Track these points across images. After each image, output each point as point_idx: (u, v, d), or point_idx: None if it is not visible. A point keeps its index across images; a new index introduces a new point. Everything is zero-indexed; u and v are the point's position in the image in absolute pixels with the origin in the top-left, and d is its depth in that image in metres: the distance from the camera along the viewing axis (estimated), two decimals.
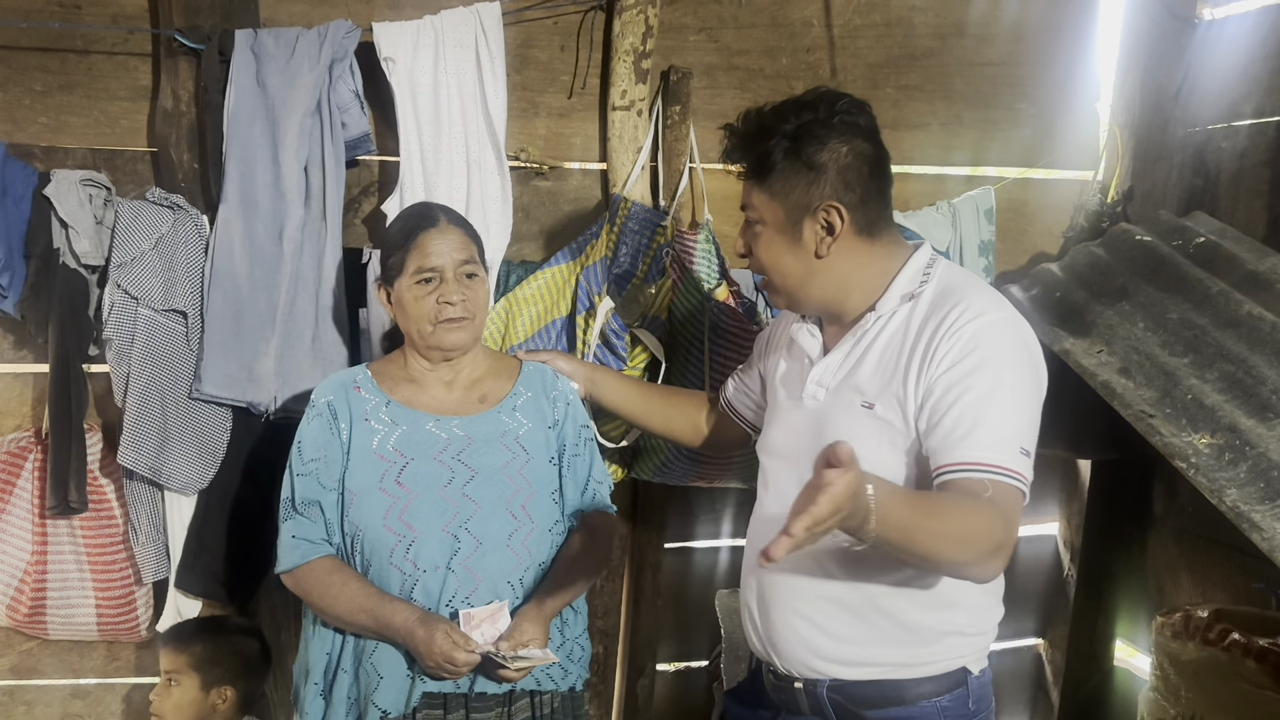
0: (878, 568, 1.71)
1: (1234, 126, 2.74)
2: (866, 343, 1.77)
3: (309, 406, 2.04)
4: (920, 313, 1.72)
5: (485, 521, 1.95)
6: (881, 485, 1.42)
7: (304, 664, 2.02)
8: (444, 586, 1.90)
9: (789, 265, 1.79)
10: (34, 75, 2.49)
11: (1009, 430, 1.62)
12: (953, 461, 1.61)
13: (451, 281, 2.00)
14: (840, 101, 1.74)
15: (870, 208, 1.76)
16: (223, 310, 2.40)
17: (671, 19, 2.72)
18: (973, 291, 1.72)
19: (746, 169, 1.81)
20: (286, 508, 1.99)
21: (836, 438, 1.69)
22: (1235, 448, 2.03)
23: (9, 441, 2.54)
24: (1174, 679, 2.35)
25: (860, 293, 1.78)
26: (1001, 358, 1.65)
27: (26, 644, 2.68)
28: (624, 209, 2.63)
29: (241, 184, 2.39)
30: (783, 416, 1.91)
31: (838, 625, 1.75)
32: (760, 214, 1.80)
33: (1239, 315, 2.26)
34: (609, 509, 2.15)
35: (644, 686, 2.95)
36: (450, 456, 1.98)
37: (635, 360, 2.52)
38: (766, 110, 1.79)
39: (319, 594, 1.93)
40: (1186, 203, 2.84)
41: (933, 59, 2.90)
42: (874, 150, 1.76)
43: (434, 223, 2.04)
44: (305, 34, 2.43)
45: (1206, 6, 2.85)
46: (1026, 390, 1.67)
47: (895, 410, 1.69)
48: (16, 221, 2.34)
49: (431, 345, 2.03)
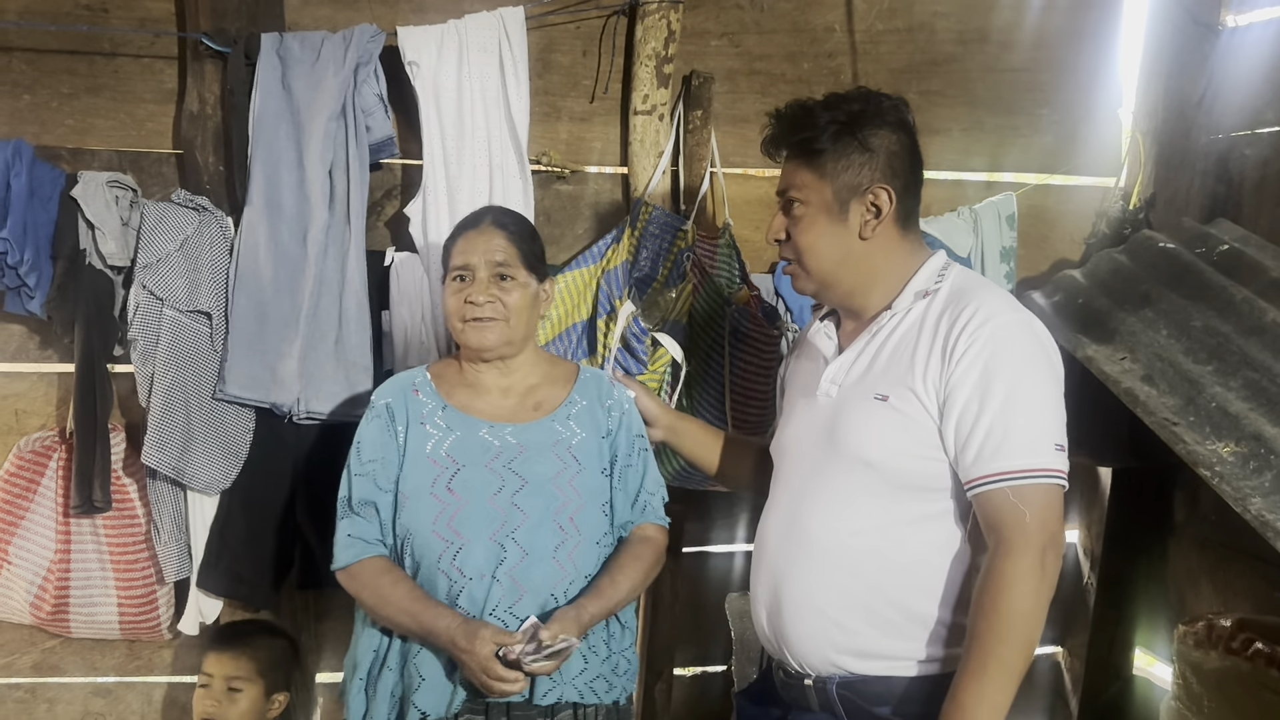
0: (896, 563, 1.73)
1: (1258, 134, 2.73)
2: (881, 339, 1.79)
3: (369, 407, 2.04)
4: (935, 309, 1.75)
5: (533, 532, 1.93)
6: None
7: (352, 658, 2.02)
8: (489, 595, 1.88)
9: (828, 247, 1.80)
10: (61, 78, 2.52)
11: (1039, 430, 1.65)
12: (990, 473, 1.64)
13: (483, 281, 1.99)
14: (887, 99, 1.81)
15: (909, 199, 1.81)
16: (247, 312, 2.41)
17: (693, 24, 2.73)
18: (985, 293, 1.75)
19: (792, 150, 1.83)
20: (343, 506, 2.00)
21: (850, 429, 1.77)
22: (1260, 456, 2.02)
23: (34, 440, 2.56)
24: (1196, 688, 2.33)
25: (883, 287, 1.81)
26: (1019, 359, 1.67)
27: (49, 642, 2.70)
28: (645, 213, 2.64)
29: (266, 186, 2.41)
30: (797, 414, 1.92)
31: (852, 619, 1.74)
32: (805, 195, 1.81)
33: (1263, 323, 2.25)
34: (662, 521, 2.12)
35: (662, 691, 2.94)
36: (501, 464, 1.97)
37: (656, 364, 2.53)
38: (814, 100, 1.83)
39: (370, 593, 1.94)
40: (1209, 210, 2.82)
41: (955, 64, 2.89)
42: (914, 145, 1.82)
43: (477, 223, 2.05)
44: (330, 38, 2.45)
45: (1230, 13, 2.84)
46: (1047, 387, 1.69)
47: (911, 401, 1.71)
48: (44, 222, 2.37)
49: (464, 344, 2.03)
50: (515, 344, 2.04)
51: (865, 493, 1.74)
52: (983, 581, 1.65)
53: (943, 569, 1.73)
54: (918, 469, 1.72)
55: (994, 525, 1.65)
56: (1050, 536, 1.63)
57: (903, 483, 1.73)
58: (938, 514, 1.73)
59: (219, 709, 2.35)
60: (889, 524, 1.73)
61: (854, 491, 1.75)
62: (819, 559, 1.76)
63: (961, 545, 1.73)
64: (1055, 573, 1.64)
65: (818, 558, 1.76)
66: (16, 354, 2.59)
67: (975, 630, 1.63)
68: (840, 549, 1.75)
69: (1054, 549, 1.64)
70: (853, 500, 1.75)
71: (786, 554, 1.82)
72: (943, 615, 1.73)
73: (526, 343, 2.07)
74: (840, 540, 1.75)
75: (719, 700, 3.05)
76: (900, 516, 1.73)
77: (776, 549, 1.84)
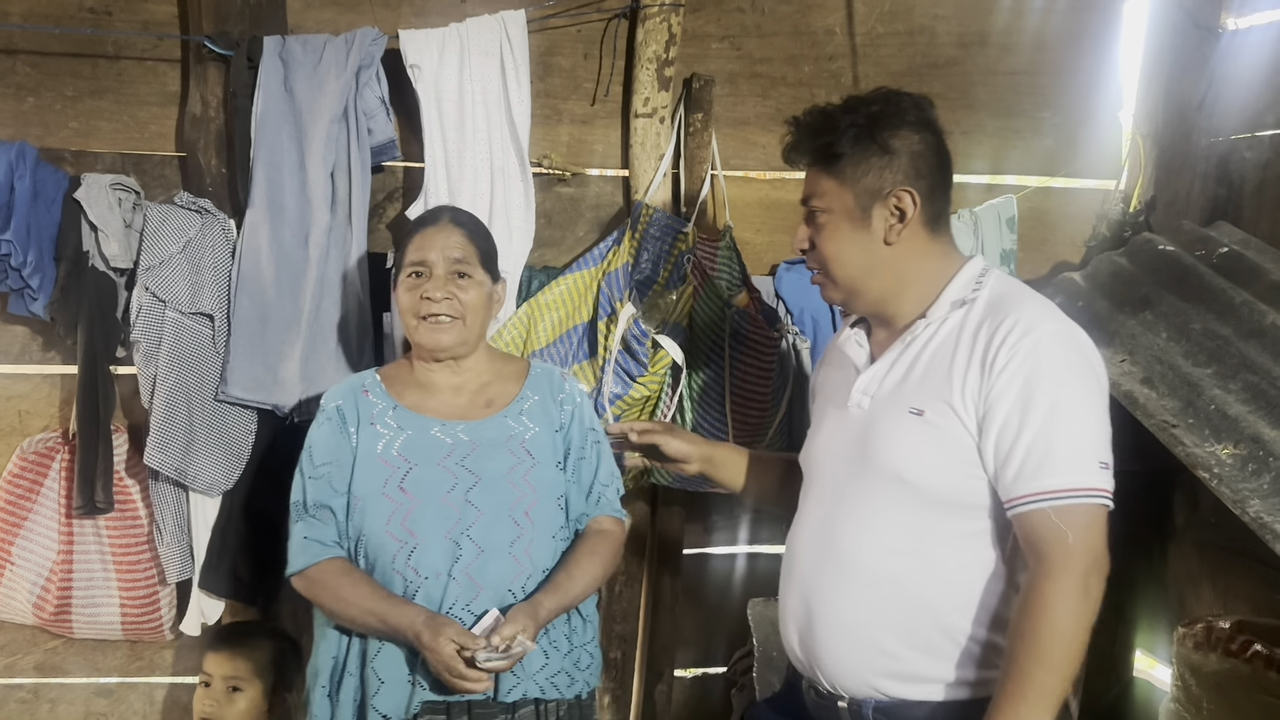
0: (934, 582, 1.67)
1: (1258, 136, 2.73)
2: (916, 350, 1.71)
3: (320, 410, 2.04)
4: (974, 319, 1.67)
5: (488, 528, 1.93)
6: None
7: (314, 666, 2.01)
8: (445, 593, 1.88)
9: (853, 254, 1.74)
10: (65, 80, 2.53)
11: (1083, 447, 1.58)
12: (1031, 492, 1.57)
13: (440, 278, 1.99)
14: (908, 97, 1.75)
15: (937, 200, 1.74)
16: (249, 313, 2.42)
17: (694, 27, 2.74)
18: (1026, 302, 1.67)
19: (813, 158, 1.77)
20: (298, 510, 2.00)
21: (883, 445, 1.70)
22: (1259, 459, 2.03)
23: (37, 442, 2.57)
24: (1195, 690, 2.33)
25: (915, 293, 1.74)
26: (1062, 373, 1.60)
27: (51, 642, 2.71)
28: (646, 215, 2.65)
29: (268, 189, 2.42)
30: (827, 425, 1.85)
31: (890, 640, 1.68)
32: (827, 202, 1.74)
33: (1263, 325, 2.25)
34: (618, 514, 2.12)
35: (662, 692, 2.95)
36: (454, 462, 1.97)
37: (656, 366, 2.53)
38: (834, 104, 1.77)
39: (329, 595, 1.93)
40: (1210, 213, 2.83)
41: (955, 67, 2.90)
42: (941, 145, 1.75)
43: (435, 221, 2.05)
44: (333, 41, 2.46)
45: (1231, 16, 2.84)
46: (1092, 401, 1.61)
47: (948, 416, 1.64)
48: (47, 224, 2.38)
49: (417, 342, 2.03)
50: (469, 343, 2.04)
51: (900, 510, 1.68)
52: (1022, 603, 1.58)
53: (982, 588, 1.66)
54: (955, 486, 1.65)
55: (1034, 546, 1.58)
56: (1094, 558, 1.56)
57: (939, 500, 1.66)
58: (976, 532, 1.66)
59: (219, 709, 2.36)
60: (925, 542, 1.67)
61: (888, 509, 1.69)
62: (853, 579, 1.70)
63: (1000, 564, 1.66)
64: (1098, 596, 1.57)
65: (852, 577, 1.70)
66: (20, 355, 2.60)
67: (1014, 654, 1.57)
68: (875, 568, 1.69)
69: (1097, 571, 1.56)
70: (887, 518, 1.69)
71: (819, 572, 1.75)
72: (983, 636, 1.66)
73: (480, 342, 2.08)
74: (875, 559, 1.69)
75: (719, 701, 3.05)
76: (937, 535, 1.66)
77: (808, 566, 1.78)
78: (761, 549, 3.04)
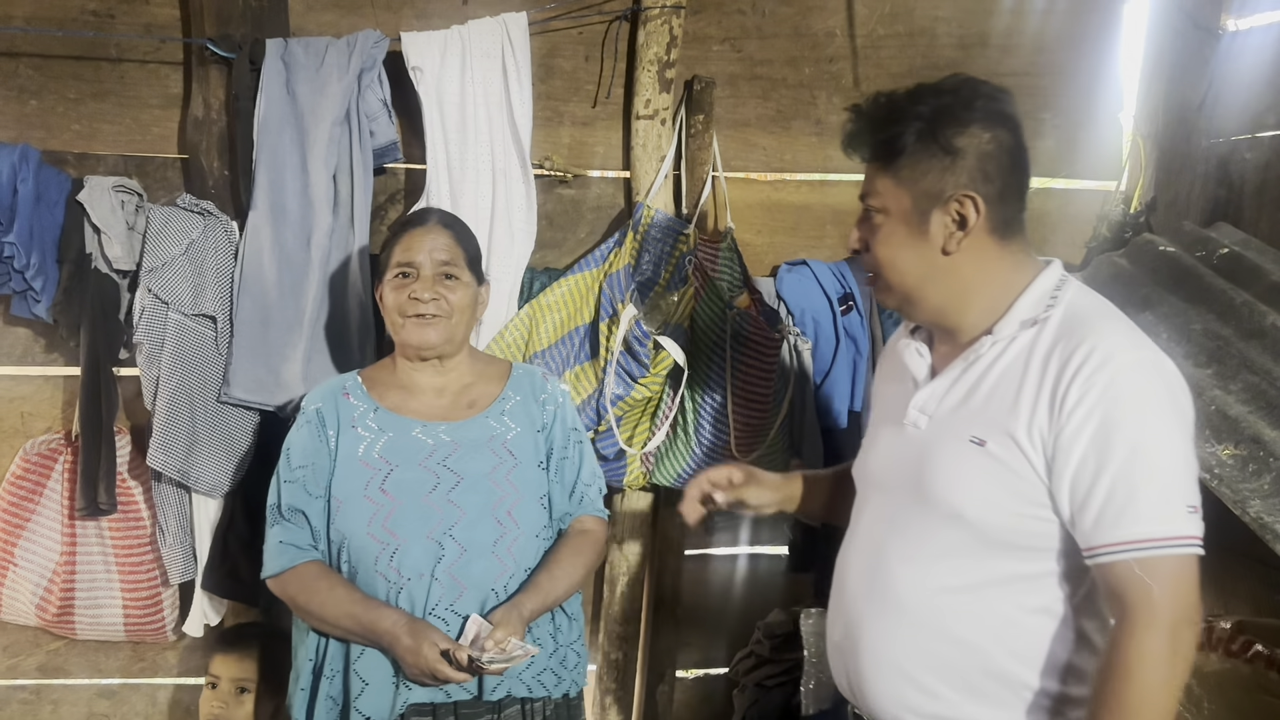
0: (987, 625, 1.56)
1: (1258, 137, 2.74)
2: (979, 370, 1.57)
3: (299, 413, 2.05)
4: (1044, 343, 1.52)
5: (471, 528, 1.93)
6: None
7: (295, 669, 2.02)
8: (429, 594, 1.89)
9: (908, 261, 1.59)
10: (68, 83, 2.53)
11: (1168, 491, 1.44)
12: (1111, 542, 1.44)
13: (427, 279, 2.01)
14: (984, 87, 1.58)
15: (1007, 205, 1.57)
16: (251, 315, 2.43)
17: (695, 29, 2.74)
18: (1103, 325, 1.52)
19: (872, 153, 1.62)
20: (273, 513, 2.00)
21: (940, 476, 1.57)
22: (1259, 459, 2.03)
23: (40, 443, 2.58)
24: (1196, 691, 2.34)
25: (981, 306, 1.59)
26: (1143, 409, 1.45)
27: (54, 644, 2.71)
28: (647, 217, 2.65)
29: (271, 191, 2.42)
30: (883, 442, 1.74)
31: (933, 680, 1.58)
32: (883, 202, 1.60)
33: (1263, 326, 2.25)
34: (600, 513, 2.14)
35: (663, 693, 2.95)
36: (436, 462, 1.97)
37: (658, 367, 2.54)
38: (899, 92, 1.61)
39: (305, 599, 1.93)
40: (1210, 213, 2.83)
41: (956, 69, 2.84)
42: (1016, 142, 1.58)
43: (422, 222, 2.07)
44: (335, 43, 2.46)
45: (1231, 17, 2.85)
46: (1176, 439, 1.47)
47: (1012, 451, 1.50)
48: (50, 227, 2.38)
49: (402, 341, 2.04)
50: (455, 343, 2.06)
51: (956, 547, 1.56)
52: (1105, 662, 1.46)
53: (1040, 633, 1.55)
54: (1016, 527, 1.52)
55: (1118, 598, 1.45)
56: (1184, 612, 1.43)
57: (999, 540, 1.54)
58: (1037, 574, 1.54)
59: (226, 710, 2.36)
60: (981, 583, 1.55)
61: (943, 544, 1.58)
62: (901, 615, 1.61)
63: (1065, 609, 1.55)
64: (1190, 652, 1.44)
65: (899, 613, 1.61)
66: (23, 357, 2.60)
67: (1095, 716, 1.45)
68: (925, 606, 1.58)
69: (1189, 626, 1.43)
70: (941, 554, 1.58)
71: (867, 602, 1.66)
72: (1036, 682, 1.55)
73: (464, 343, 2.10)
74: (925, 597, 1.58)
75: (721, 702, 3.05)
76: (994, 575, 1.55)
77: (856, 594, 1.69)
78: (763, 550, 3.05)
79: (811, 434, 2.73)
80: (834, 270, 2.78)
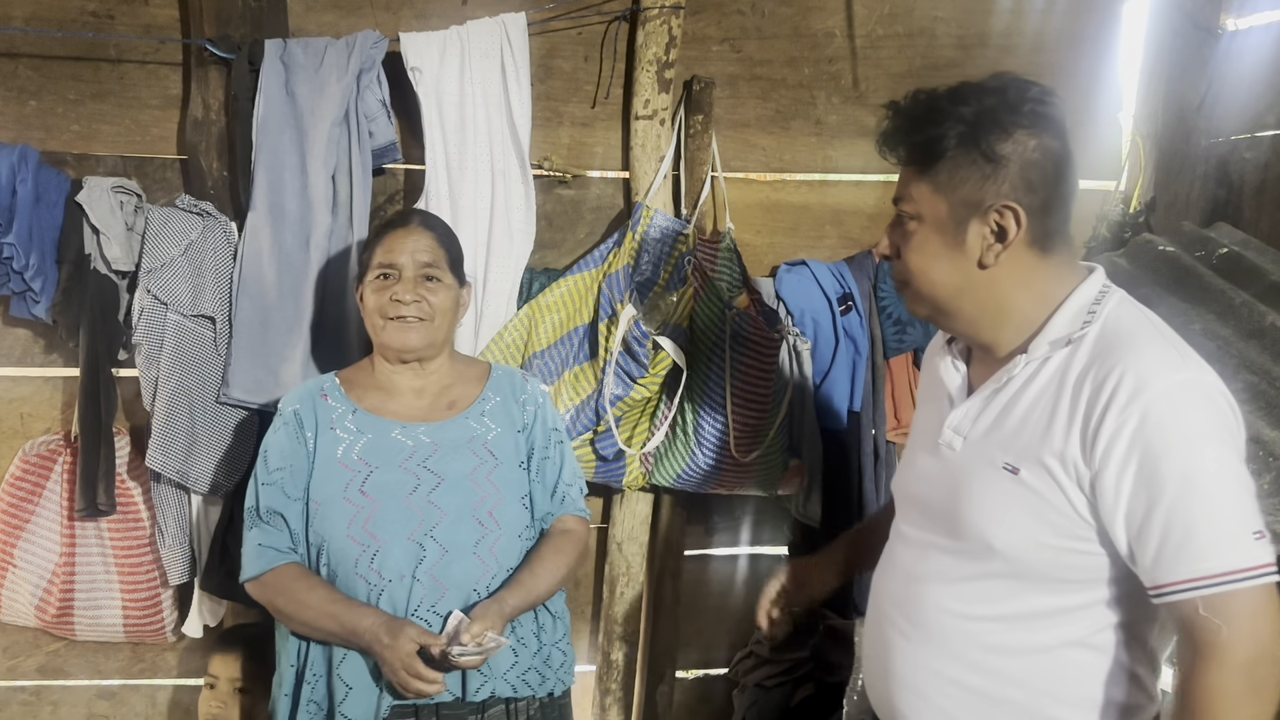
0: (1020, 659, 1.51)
1: (1258, 137, 2.74)
2: (1012, 391, 1.50)
3: (277, 415, 2.04)
4: (1078, 364, 1.44)
5: (452, 529, 1.92)
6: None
7: (278, 674, 2.01)
8: (410, 595, 1.88)
9: (943, 272, 1.51)
10: (67, 84, 2.53)
11: (1227, 521, 1.35)
12: (1173, 582, 1.35)
13: (409, 280, 2.01)
14: (1031, 88, 1.48)
15: (1052, 216, 1.48)
16: (250, 316, 2.43)
17: (694, 29, 2.74)
18: (1140, 345, 1.42)
19: (908, 155, 1.53)
20: (251, 516, 1.98)
21: (973, 505, 1.50)
22: (1259, 459, 2.03)
23: (39, 444, 2.58)
24: None
25: (1017, 321, 1.51)
26: (1190, 438, 1.36)
27: (54, 645, 2.71)
28: (646, 217, 2.65)
29: (270, 192, 2.42)
30: (919, 461, 1.67)
31: (962, 712, 1.54)
32: (918, 208, 1.52)
33: (1263, 326, 2.25)
34: (581, 512, 2.14)
35: (664, 693, 2.95)
36: (416, 464, 1.96)
37: (657, 368, 2.54)
38: (941, 91, 1.51)
39: (285, 601, 1.92)
40: (1209, 213, 2.83)
41: (955, 69, 2.90)
42: (1064, 149, 1.48)
43: (404, 223, 2.07)
44: (334, 44, 2.46)
45: (1230, 17, 2.85)
46: (1229, 464, 1.38)
47: (1045, 480, 1.43)
48: (49, 227, 2.38)
49: (382, 343, 2.03)
50: (436, 345, 2.05)
51: (989, 577, 1.51)
52: (1178, 705, 1.37)
53: (1079, 667, 1.48)
54: (1053, 560, 1.45)
55: (1187, 637, 1.37)
56: (1260, 649, 1.32)
57: (1035, 573, 1.47)
58: (1076, 607, 1.47)
59: (225, 710, 2.36)
60: (1015, 615, 1.50)
61: (976, 575, 1.52)
62: (931, 643, 1.57)
63: (1105, 641, 1.48)
64: (1273, 692, 1.33)
65: (929, 641, 1.57)
66: (22, 358, 2.60)
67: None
68: (956, 636, 1.54)
69: (1268, 663, 1.33)
70: (974, 582, 1.52)
71: (900, 625, 1.62)
72: (1071, 717, 1.49)
73: (446, 345, 2.09)
74: (957, 626, 1.54)
75: (721, 703, 3.05)
76: (1030, 608, 1.49)
77: (890, 613, 1.65)
78: (762, 550, 3.05)
79: (811, 434, 2.73)
80: (833, 270, 2.77)
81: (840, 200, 2.89)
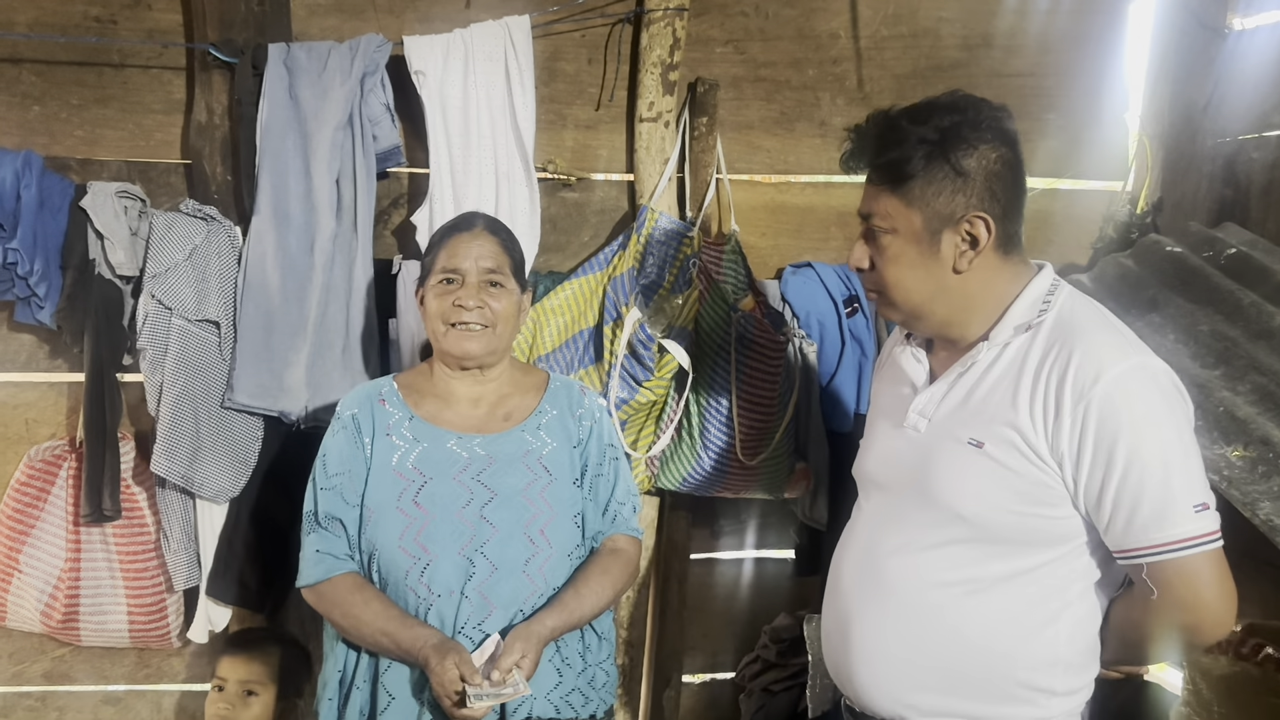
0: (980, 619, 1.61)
1: (1265, 137, 2.73)
2: (976, 374, 1.63)
3: (335, 419, 2.01)
4: (1037, 349, 1.59)
5: (502, 546, 1.89)
6: None
7: (324, 678, 2.00)
8: (458, 611, 1.85)
9: (917, 280, 1.63)
10: (71, 89, 2.54)
11: (1169, 497, 1.50)
12: (1126, 549, 1.55)
13: (473, 286, 1.97)
14: (985, 104, 1.61)
15: (1012, 221, 1.62)
16: (255, 320, 2.42)
17: (698, 31, 2.74)
18: (1093, 335, 1.57)
19: (876, 174, 1.64)
20: (310, 521, 1.96)
21: (942, 478, 1.63)
22: (1268, 460, 2.02)
23: (44, 450, 2.58)
24: (1206, 694, 2.32)
25: (981, 315, 1.64)
26: (1137, 420, 1.51)
27: (59, 650, 2.71)
28: (651, 220, 2.64)
29: (274, 196, 2.42)
30: (882, 442, 1.78)
31: (923, 673, 1.64)
32: (892, 223, 1.62)
33: (1271, 326, 2.24)
34: (634, 532, 2.09)
35: (670, 698, 2.94)
36: (470, 477, 1.93)
37: (662, 371, 2.53)
38: (900, 111, 1.63)
39: (341, 612, 1.90)
40: (1217, 214, 2.82)
41: (960, 70, 2.89)
42: (1017, 158, 1.62)
43: (469, 227, 2.03)
44: (337, 48, 2.46)
45: (1237, 17, 2.83)
46: (1174, 444, 1.53)
47: (1009, 452, 1.57)
48: (53, 233, 2.39)
49: (444, 349, 2.00)
50: (497, 353, 2.02)
51: (953, 543, 1.62)
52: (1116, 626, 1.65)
53: (1034, 627, 1.60)
54: (1016, 524, 1.58)
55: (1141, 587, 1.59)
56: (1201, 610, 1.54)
57: (998, 537, 1.59)
58: (1033, 568, 1.60)
59: (233, 713, 2.36)
60: (977, 577, 1.61)
61: (940, 540, 1.63)
62: (894, 607, 1.66)
63: (1058, 601, 1.61)
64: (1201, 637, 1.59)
65: (892, 605, 1.66)
66: (27, 364, 2.60)
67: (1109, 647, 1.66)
68: (918, 599, 1.63)
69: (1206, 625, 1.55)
70: (938, 549, 1.63)
71: (860, 594, 1.71)
72: (1028, 677, 1.61)
73: (506, 352, 2.06)
74: (919, 590, 1.64)
75: (728, 707, 3.05)
76: (990, 571, 1.60)
77: (850, 587, 1.73)
78: (769, 554, 3.04)
79: (817, 437, 2.72)
80: (839, 272, 2.77)
81: (845, 202, 2.88)
